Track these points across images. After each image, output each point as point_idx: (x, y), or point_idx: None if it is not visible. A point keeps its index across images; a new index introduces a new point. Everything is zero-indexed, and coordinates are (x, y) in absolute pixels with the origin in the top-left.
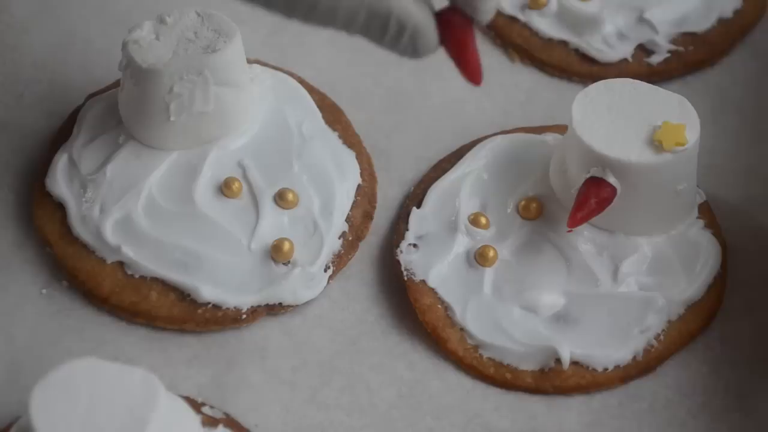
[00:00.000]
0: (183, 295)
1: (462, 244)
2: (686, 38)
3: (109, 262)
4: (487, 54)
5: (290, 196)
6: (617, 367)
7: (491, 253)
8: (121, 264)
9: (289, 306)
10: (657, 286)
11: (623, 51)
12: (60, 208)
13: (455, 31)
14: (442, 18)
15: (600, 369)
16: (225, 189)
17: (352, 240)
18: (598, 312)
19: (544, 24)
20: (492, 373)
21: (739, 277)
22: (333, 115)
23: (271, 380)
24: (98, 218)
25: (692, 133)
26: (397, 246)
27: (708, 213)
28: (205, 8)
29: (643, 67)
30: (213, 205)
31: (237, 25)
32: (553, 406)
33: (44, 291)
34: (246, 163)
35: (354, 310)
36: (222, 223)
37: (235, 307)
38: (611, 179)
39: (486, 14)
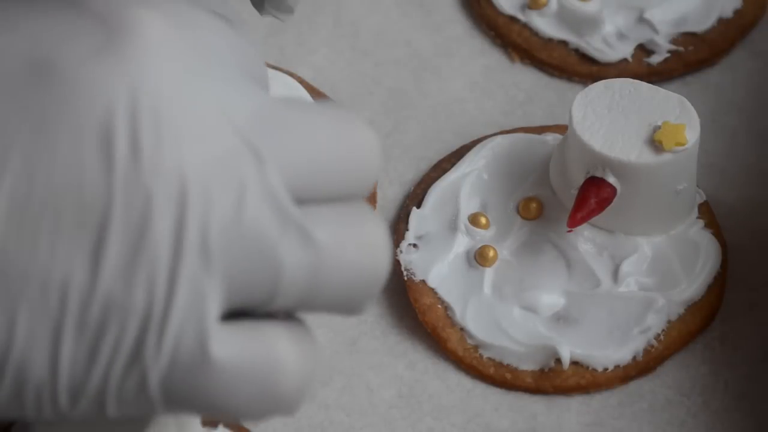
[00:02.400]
0: None
1: (462, 244)
2: (686, 38)
3: None
4: (487, 54)
5: None
6: (617, 367)
7: (491, 253)
8: None
9: None
10: (657, 286)
11: (623, 51)
12: None
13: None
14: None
15: (600, 369)
16: None
17: None
18: (598, 312)
19: (544, 24)
20: (492, 373)
21: (739, 277)
22: None
23: None
24: None
25: (692, 133)
26: (397, 246)
27: (708, 213)
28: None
29: (643, 67)
30: None
31: None
32: (553, 406)
33: None
34: None
35: None
36: None
37: None
38: (611, 179)
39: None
